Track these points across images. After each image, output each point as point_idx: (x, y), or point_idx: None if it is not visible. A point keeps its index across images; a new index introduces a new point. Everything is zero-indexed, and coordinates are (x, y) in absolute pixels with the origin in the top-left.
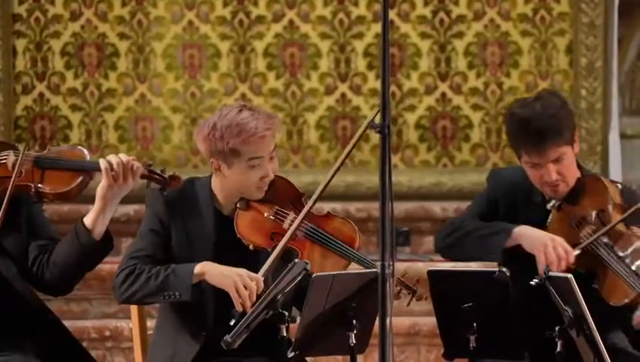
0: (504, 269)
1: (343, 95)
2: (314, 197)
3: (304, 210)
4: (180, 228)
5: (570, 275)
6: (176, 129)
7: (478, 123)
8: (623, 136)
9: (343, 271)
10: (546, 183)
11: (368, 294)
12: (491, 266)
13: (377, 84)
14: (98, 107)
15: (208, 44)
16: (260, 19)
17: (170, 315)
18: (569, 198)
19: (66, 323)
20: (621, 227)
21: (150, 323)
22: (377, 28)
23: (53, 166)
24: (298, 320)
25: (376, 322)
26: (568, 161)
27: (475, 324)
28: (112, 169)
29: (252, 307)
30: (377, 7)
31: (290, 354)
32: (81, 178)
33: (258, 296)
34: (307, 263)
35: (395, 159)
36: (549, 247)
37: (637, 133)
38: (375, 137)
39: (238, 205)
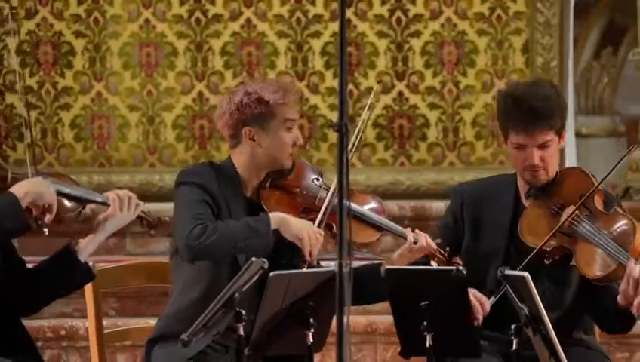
0: (461, 268)
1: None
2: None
3: (334, 185)
4: (222, 205)
5: (526, 274)
6: (132, 127)
7: (435, 122)
8: (579, 134)
9: (300, 271)
10: (527, 167)
11: (326, 293)
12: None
13: (335, 83)
14: (54, 105)
15: (165, 42)
16: (217, 17)
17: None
18: (547, 189)
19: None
20: (600, 207)
21: (106, 322)
22: (334, 27)
23: None
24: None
25: (334, 320)
26: (553, 149)
27: (431, 322)
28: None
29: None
30: (334, 5)
31: (247, 353)
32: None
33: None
34: (265, 261)
35: (352, 158)
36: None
37: (592, 132)
38: (333, 136)
39: (265, 185)
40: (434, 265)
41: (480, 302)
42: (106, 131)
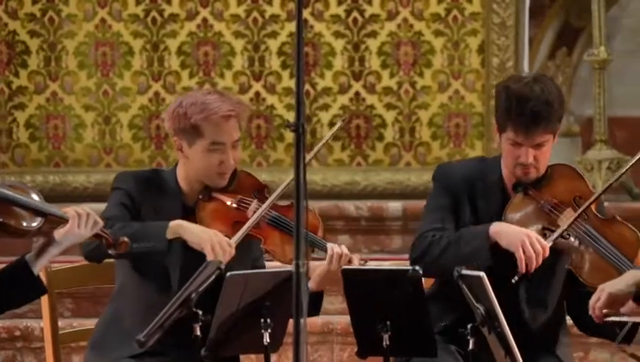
0: (417, 268)
1: (257, 94)
2: (279, 189)
3: (271, 198)
4: (149, 212)
5: (482, 273)
6: (88, 127)
7: (392, 122)
8: None
9: (258, 271)
10: (519, 164)
11: (282, 293)
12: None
13: (291, 83)
14: (8, 105)
15: (121, 42)
16: (174, 17)
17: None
18: (537, 185)
19: None
20: (595, 212)
21: (62, 323)
22: (291, 27)
23: None
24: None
25: (290, 321)
26: (547, 148)
27: (388, 322)
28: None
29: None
30: (291, 6)
31: (204, 354)
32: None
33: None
34: (221, 262)
35: (309, 158)
36: (526, 244)
37: None
38: (289, 136)
39: (200, 196)
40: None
41: (542, 246)
42: (62, 131)
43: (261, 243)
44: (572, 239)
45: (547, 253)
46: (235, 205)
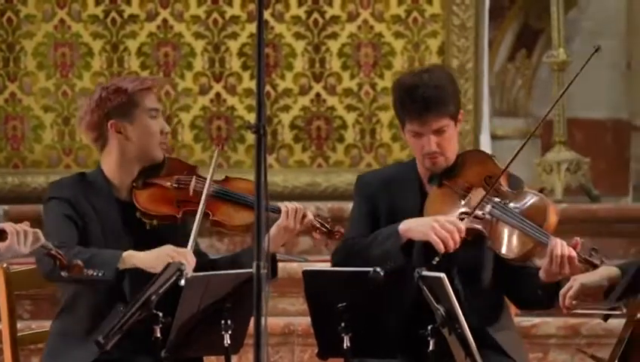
0: (378, 269)
1: (218, 95)
2: (213, 163)
3: (211, 171)
4: (90, 213)
5: (442, 274)
6: (47, 128)
7: (352, 123)
8: (494, 136)
9: (218, 272)
10: (426, 154)
11: (243, 294)
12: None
13: (252, 84)
14: None
15: (80, 42)
16: (133, 18)
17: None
18: (449, 174)
19: None
20: (507, 188)
21: (20, 325)
22: (252, 28)
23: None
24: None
25: (251, 322)
26: (450, 135)
27: (349, 324)
28: None
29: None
30: (252, 7)
31: (164, 355)
32: None
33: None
34: (182, 264)
35: (270, 159)
36: (436, 227)
37: (507, 134)
38: (250, 137)
39: (134, 185)
40: (316, 236)
41: (453, 223)
42: (20, 132)
43: (209, 216)
44: (487, 217)
45: (462, 230)
46: (175, 185)
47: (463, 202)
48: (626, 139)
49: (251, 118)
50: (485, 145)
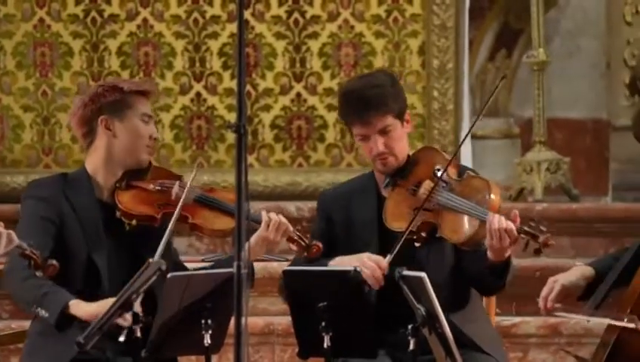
0: (359, 269)
1: (198, 94)
2: (194, 170)
3: (192, 176)
4: (69, 212)
5: (423, 274)
6: (27, 128)
7: (333, 123)
8: (474, 136)
9: (198, 272)
10: (376, 156)
11: (223, 294)
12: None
13: (233, 84)
14: None
15: (60, 42)
16: (113, 17)
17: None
18: (402, 174)
19: None
20: (455, 177)
21: (0, 325)
22: (232, 28)
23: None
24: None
25: (232, 321)
26: (396, 134)
27: (329, 323)
28: None
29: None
30: (232, 6)
31: (144, 355)
32: None
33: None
34: (162, 263)
35: (250, 159)
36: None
37: (487, 134)
38: (231, 137)
39: (117, 185)
40: (293, 248)
41: (374, 261)
42: (0, 131)
43: (188, 220)
44: (437, 207)
45: (383, 267)
46: (157, 187)
47: (411, 198)
48: (605, 139)
49: (232, 117)
50: (465, 144)
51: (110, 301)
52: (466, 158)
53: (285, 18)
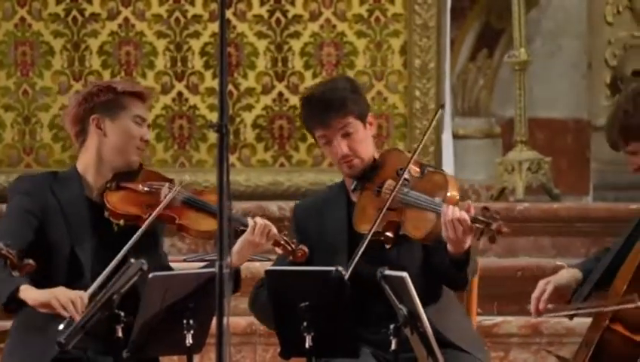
0: (340, 268)
1: (180, 94)
2: (180, 185)
3: (180, 181)
4: (55, 211)
5: (405, 274)
6: (8, 127)
7: None
8: (455, 136)
9: (180, 272)
10: (340, 160)
11: (205, 294)
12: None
13: (214, 83)
14: None
15: (41, 41)
16: (95, 16)
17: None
18: (368, 176)
19: None
20: (417, 175)
21: None
22: (214, 27)
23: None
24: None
25: (213, 321)
26: (359, 136)
27: (311, 323)
28: None
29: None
30: (214, 6)
31: (126, 355)
32: None
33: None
34: (144, 263)
35: (232, 158)
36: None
37: (469, 133)
38: (212, 136)
39: (107, 185)
40: (279, 251)
41: None
42: None
43: (175, 221)
44: (399, 206)
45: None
46: (146, 188)
47: (378, 198)
48: (586, 139)
49: (213, 117)
50: (447, 144)
51: (62, 289)
52: (448, 158)
53: (267, 17)
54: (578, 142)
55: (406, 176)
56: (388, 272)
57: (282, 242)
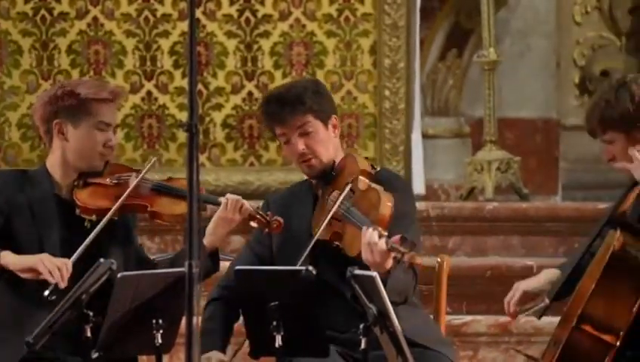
0: (310, 268)
1: (149, 93)
2: (152, 161)
3: (147, 167)
4: (22, 209)
5: (375, 274)
6: None
7: None
8: (425, 135)
9: (149, 271)
10: (299, 159)
11: (175, 293)
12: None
13: (184, 83)
14: None
15: (9, 40)
16: (63, 15)
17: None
18: (327, 179)
19: None
20: (364, 188)
21: None
22: (183, 26)
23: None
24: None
25: (183, 321)
26: (319, 136)
27: (281, 322)
28: None
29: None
30: (183, 5)
31: (94, 355)
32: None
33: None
34: (113, 263)
35: (201, 158)
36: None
37: (438, 133)
38: (182, 136)
39: (75, 183)
40: (254, 225)
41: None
42: None
43: (147, 208)
44: (342, 218)
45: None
46: (114, 181)
47: (327, 207)
48: (555, 139)
49: (183, 116)
50: (416, 143)
51: (47, 255)
52: (417, 158)
53: (237, 17)
54: (547, 141)
55: (354, 188)
56: (358, 272)
57: (257, 215)
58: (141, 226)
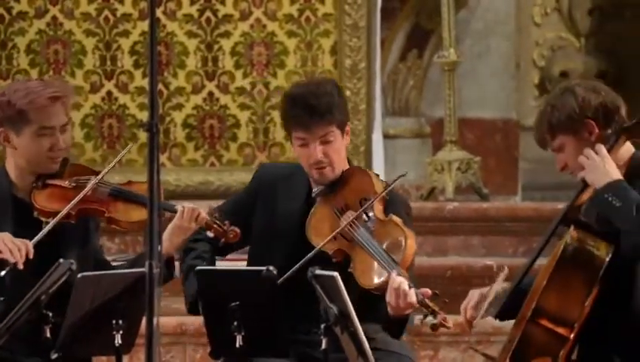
0: (271, 268)
1: (109, 93)
2: (115, 160)
3: (106, 170)
4: None
5: (336, 274)
6: None
7: (246, 122)
8: (386, 136)
9: (109, 271)
10: (313, 164)
11: (135, 294)
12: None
13: (144, 83)
14: None
15: None
16: (22, 15)
17: None
18: (333, 188)
19: None
20: (381, 216)
21: None
22: (144, 26)
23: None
24: None
25: (143, 321)
26: (336, 145)
27: (241, 323)
28: None
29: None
30: (143, 4)
31: (54, 356)
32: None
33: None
34: (72, 263)
35: (162, 158)
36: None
37: (399, 133)
38: (142, 136)
39: (34, 185)
40: (210, 234)
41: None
42: None
43: (104, 213)
44: (354, 240)
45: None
46: (73, 184)
47: (337, 220)
48: (515, 139)
49: (143, 116)
50: (377, 144)
51: (8, 234)
52: (378, 158)
53: (197, 17)
54: (507, 142)
55: (370, 214)
56: (319, 272)
57: (214, 225)
58: (102, 226)
